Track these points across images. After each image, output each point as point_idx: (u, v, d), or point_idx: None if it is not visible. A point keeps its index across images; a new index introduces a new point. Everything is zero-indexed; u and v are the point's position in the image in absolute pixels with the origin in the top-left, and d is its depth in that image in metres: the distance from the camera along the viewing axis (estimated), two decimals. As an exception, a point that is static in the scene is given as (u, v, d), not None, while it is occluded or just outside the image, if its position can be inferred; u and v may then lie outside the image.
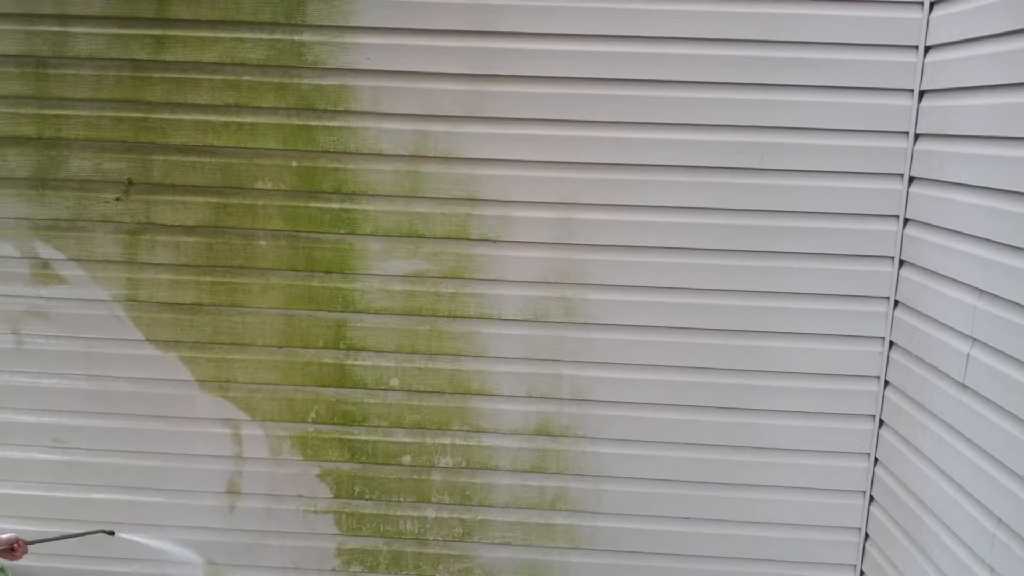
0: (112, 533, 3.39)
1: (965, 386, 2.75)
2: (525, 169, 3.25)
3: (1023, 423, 2.42)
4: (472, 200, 3.28)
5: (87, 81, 3.23)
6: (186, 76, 3.22)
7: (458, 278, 3.35)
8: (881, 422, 3.35)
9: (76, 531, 3.38)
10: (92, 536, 3.41)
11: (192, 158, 3.28)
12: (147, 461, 3.53)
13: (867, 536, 3.46)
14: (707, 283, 3.31)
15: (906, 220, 3.20)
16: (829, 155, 3.17)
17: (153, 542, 3.53)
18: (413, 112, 3.21)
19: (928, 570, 2.96)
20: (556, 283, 3.34)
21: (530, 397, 3.45)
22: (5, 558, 2.90)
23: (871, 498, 3.42)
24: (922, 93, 3.10)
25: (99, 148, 3.28)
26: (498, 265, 3.34)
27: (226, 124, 3.25)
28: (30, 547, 2.97)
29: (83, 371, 3.45)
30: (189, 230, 3.33)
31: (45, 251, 3.36)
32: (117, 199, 3.31)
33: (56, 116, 3.25)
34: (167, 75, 3.23)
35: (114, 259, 3.36)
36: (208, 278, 3.37)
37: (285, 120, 3.25)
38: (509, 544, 3.58)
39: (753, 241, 3.26)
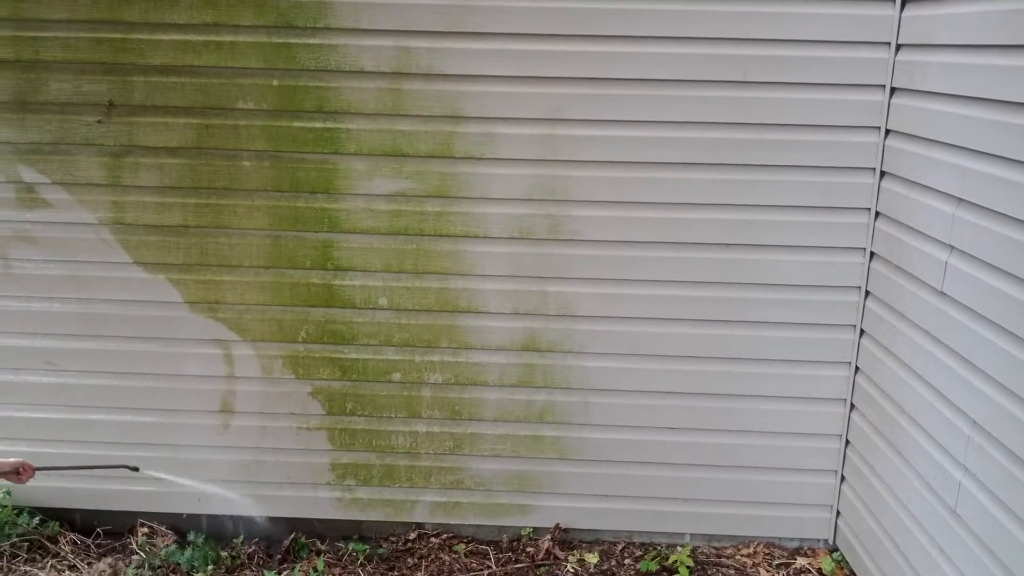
0: (136, 469, 3.37)
1: (943, 293, 2.80)
2: (509, 85, 3.24)
3: (999, 328, 2.48)
4: (456, 117, 3.27)
5: (63, 1, 3.17)
6: (163, -6, 3.18)
7: (443, 196, 3.36)
8: (862, 331, 3.42)
9: (97, 464, 3.43)
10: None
11: (172, 79, 3.25)
12: (140, 382, 3.57)
13: (848, 442, 3.55)
14: (690, 197, 3.33)
15: (887, 131, 3.21)
16: (811, 67, 3.17)
17: (180, 479, 3.59)
18: (395, 28, 3.18)
19: (906, 472, 3.05)
20: (541, 200, 3.35)
21: (517, 313, 3.49)
22: (11, 481, 2.95)
23: (852, 405, 3.50)
24: (904, 2, 3.09)
25: (78, 70, 3.24)
26: (483, 183, 3.34)
27: (205, 43, 3.21)
28: (38, 472, 3.00)
29: (73, 295, 3.47)
30: (172, 151, 3.32)
31: (29, 175, 3.35)
32: (99, 121, 3.29)
33: (33, 38, 3.21)
34: (144, -6, 3.19)
35: (98, 182, 3.35)
36: (193, 200, 3.37)
37: (265, 38, 3.21)
38: (499, 456, 3.67)
39: (736, 154, 3.27)
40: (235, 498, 3.70)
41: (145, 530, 3.71)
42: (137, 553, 3.60)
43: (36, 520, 3.66)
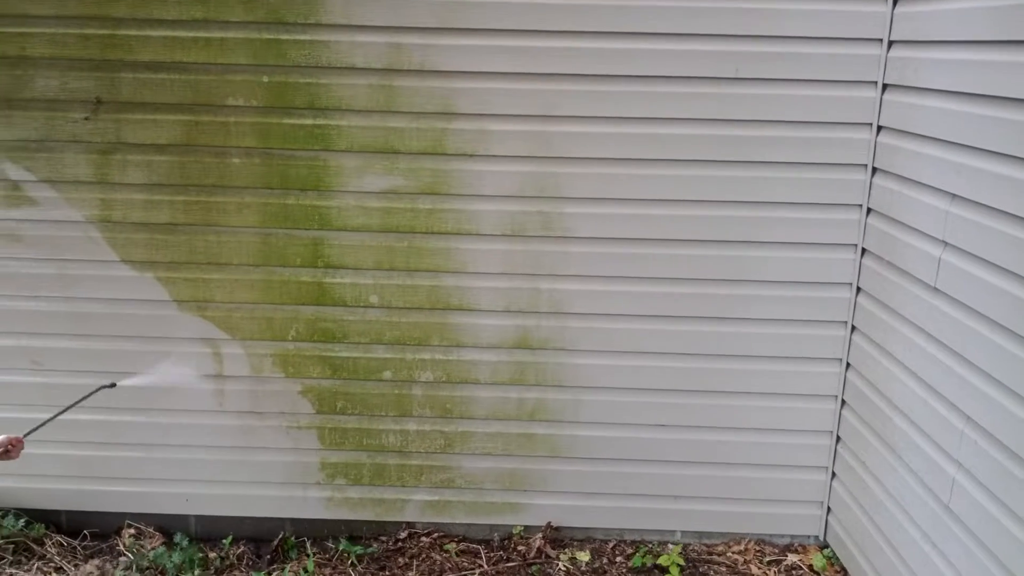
0: (113, 385, 3.25)
1: (936, 289, 2.81)
2: (501, 81, 3.22)
3: (994, 324, 2.49)
4: (448, 114, 3.25)
5: (50, -4, 3.14)
6: (152, -10, 3.15)
7: (435, 194, 3.34)
8: (853, 328, 3.43)
9: (74, 401, 3.33)
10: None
11: (161, 75, 3.21)
12: (128, 381, 3.53)
13: (839, 439, 3.56)
14: (682, 194, 3.33)
15: (879, 127, 3.22)
16: (803, 64, 3.17)
17: (150, 378, 3.52)
18: (386, 24, 3.15)
19: (898, 468, 3.06)
20: (533, 197, 3.34)
21: (508, 311, 3.47)
22: (4, 460, 2.86)
23: (843, 402, 3.51)
24: (896, -1, 3.11)
25: (65, 66, 3.19)
26: (475, 180, 3.33)
27: (194, 40, 3.18)
28: (28, 437, 2.91)
29: (59, 293, 3.42)
30: (161, 149, 3.28)
31: (15, 173, 3.30)
32: (86, 118, 3.25)
33: (20, 34, 3.16)
34: (132, -11, 3.15)
35: (86, 180, 3.31)
36: (182, 197, 3.34)
37: (255, 34, 3.18)
38: (490, 455, 3.65)
39: (728, 151, 3.27)
40: (224, 495, 3.67)
41: (132, 531, 3.67)
42: (125, 555, 3.56)
43: (22, 522, 3.62)
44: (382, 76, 3.22)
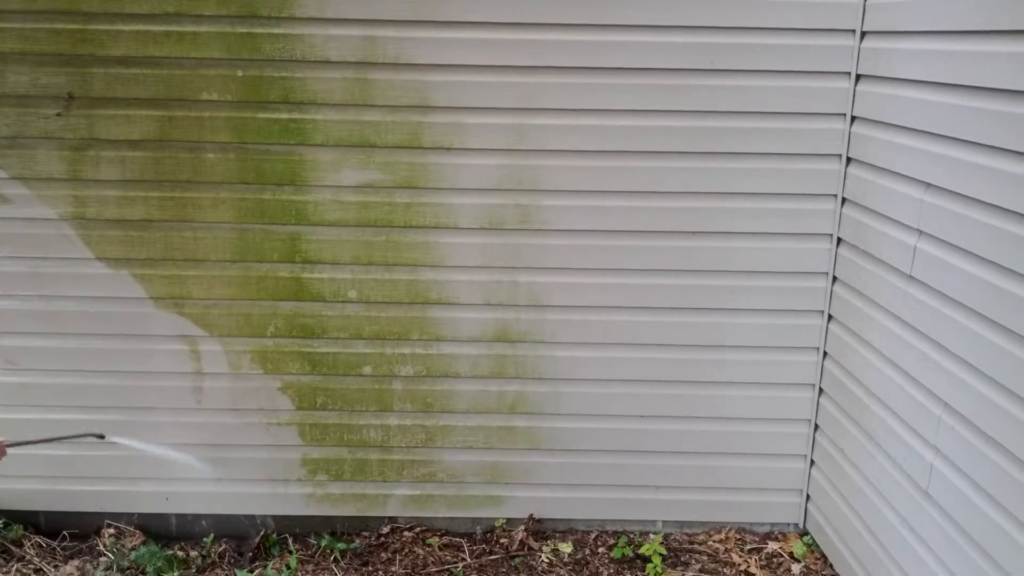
0: (102, 437, 3.32)
1: (912, 277, 2.83)
2: (477, 74, 3.21)
3: (969, 311, 2.52)
4: (424, 107, 3.24)
5: (19, -9, 3.10)
6: (123, -16, 3.11)
7: (412, 187, 3.33)
8: (830, 317, 3.45)
9: (62, 434, 3.34)
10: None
11: (134, 70, 3.18)
12: (105, 380, 3.50)
13: (816, 427, 3.59)
14: (658, 186, 3.33)
15: (853, 118, 3.24)
16: (777, 55, 3.18)
17: (144, 445, 3.51)
18: (361, 17, 3.13)
19: (876, 455, 3.09)
20: (511, 190, 3.34)
21: (488, 305, 3.47)
22: None
23: (820, 390, 3.54)
24: (869, -11, 3.12)
25: (36, 62, 3.15)
26: (452, 173, 3.32)
27: (167, 34, 3.15)
28: (10, 450, 2.91)
29: (34, 291, 3.38)
30: (134, 144, 3.25)
31: (-14, 170, 3.27)
32: (58, 114, 3.21)
33: (-12, 29, 3.13)
34: (103, -17, 3.11)
35: (58, 176, 3.27)
36: (156, 193, 3.31)
37: (228, 28, 3.15)
38: (471, 448, 3.65)
39: (704, 142, 3.28)
40: (204, 493, 3.65)
41: (112, 531, 3.65)
42: (105, 555, 3.53)
43: (0, 523, 3.58)
44: (357, 69, 3.20)
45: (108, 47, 3.15)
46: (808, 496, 3.70)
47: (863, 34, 3.15)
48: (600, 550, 3.68)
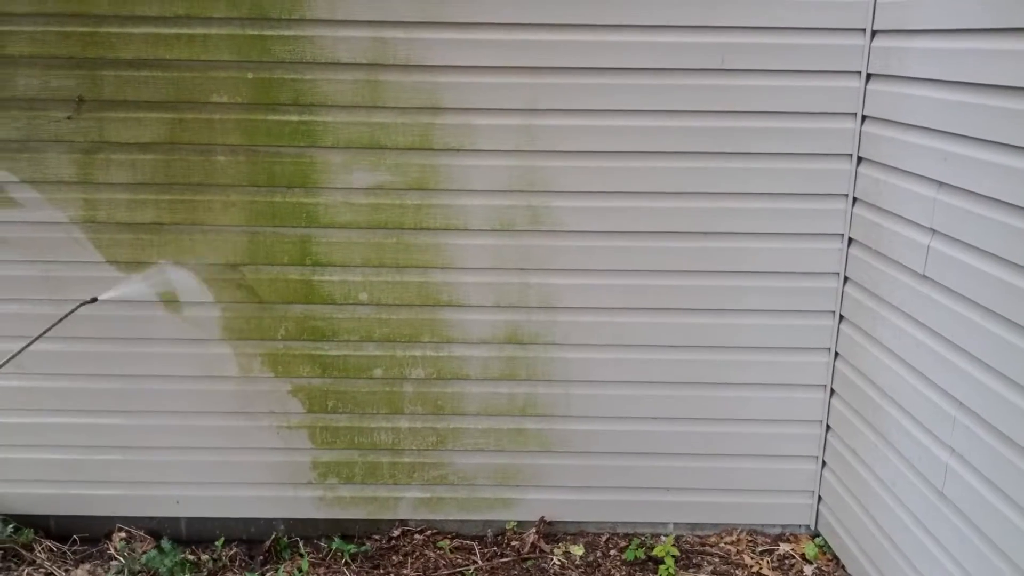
0: (95, 300, 3.26)
1: (925, 276, 2.82)
2: (486, 75, 3.21)
3: (984, 310, 2.51)
4: (434, 109, 3.24)
5: (29, -6, 3.10)
6: (133, -13, 3.11)
7: (422, 189, 3.33)
8: (841, 317, 3.44)
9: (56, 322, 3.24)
10: None
11: (144, 73, 3.18)
12: (114, 384, 3.50)
13: (828, 428, 3.58)
14: (668, 186, 3.33)
15: (864, 117, 3.23)
16: (787, 54, 3.18)
17: (130, 287, 3.47)
18: (371, 19, 3.14)
19: (890, 455, 3.08)
20: (521, 191, 3.33)
21: (498, 306, 3.47)
22: None
23: (832, 391, 3.53)
24: (879, -12, 3.12)
25: (46, 65, 3.15)
26: (462, 174, 3.31)
27: (177, 36, 3.15)
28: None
29: (44, 296, 3.38)
30: (144, 147, 3.25)
31: (-4, 174, 3.27)
32: (68, 118, 3.21)
33: (-1, 32, 3.13)
34: (113, -14, 3.11)
35: (69, 180, 3.27)
36: (167, 196, 3.30)
37: (239, 30, 3.15)
38: (482, 450, 3.64)
39: (714, 142, 3.28)
40: (215, 496, 3.64)
41: (123, 535, 3.64)
42: (116, 558, 3.52)
43: (10, 528, 3.56)
44: (367, 71, 3.20)
45: (118, 50, 3.16)
46: (820, 497, 3.68)
47: (874, 33, 3.14)
48: (612, 552, 3.66)
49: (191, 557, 3.56)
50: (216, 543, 3.66)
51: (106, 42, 3.15)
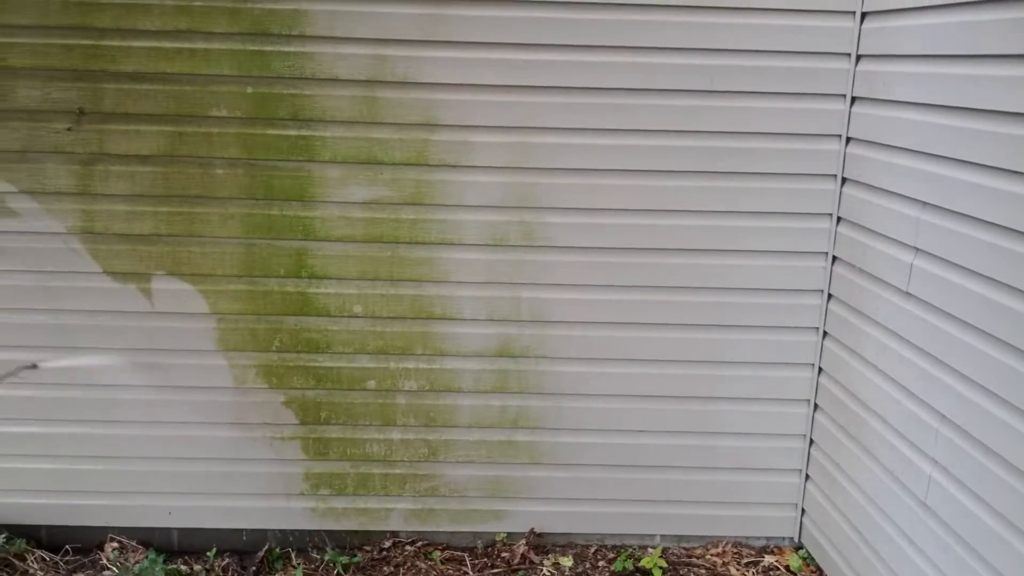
0: (35, 366, 3.32)
1: (909, 294, 2.91)
2: (483, 93, 3.28)
3: (967, 325, 2.59)
4: (430, 125, 3.30)
5: (33, 6, 3.12)
6: (136, 1, 3.14)
7: (418, 204, 3.39)
8: (825, 333, 3.52)
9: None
10: None
11: (144, 86, 3.22)
12: (109, 394, 3.51)
13: (812, 442, 3.65)
14: (658, 204, 3.40)
15: (848, 139, 3.33)
16: (775, 77, 3.27)
17: (76, 360, 3.49)
18: (370, 36, 3.20)
19: (873, 468, 3.15)
20: (515, 207, 3.40)
21: (491, 320, 3.52)
22: None
23: (815, 406, 3.61)
24: (863, 15, 3.22)
25: (47, 77, 3.19)
26: (458, 190, 3.38)
27: (178, 50, 3.20)
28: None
29: (42, 305, 3.39)
30: (144, 159, 3.29)
31: (-5, 184, 3.29)
32: (68, 129, 3.24)
33: (1, 44, 3.15)
34: (116, 0, 3.15)
35: (68, 191, 3.30)
36: (165, 208, 3.34)
37: (239, 45, 3.20)
38: (473, 462, 3.69)
39: (703, 162, 3.36)
40: (207, 507, 3.66)
41: (115, 545, 3.64)
42: (108, 568, 3.53)
43: (2, 538, 3.56)
44: (366, 88, 3.26)
45: (120, 63, 3.20)
46: (803, 510, 3.75)
47: (859, 57, 3.24)
48: (600, 564, 3.71)
49: (183, 568, 3.57)
50: (208, 553, 3.67)
51: (108, 55, 3.19)
